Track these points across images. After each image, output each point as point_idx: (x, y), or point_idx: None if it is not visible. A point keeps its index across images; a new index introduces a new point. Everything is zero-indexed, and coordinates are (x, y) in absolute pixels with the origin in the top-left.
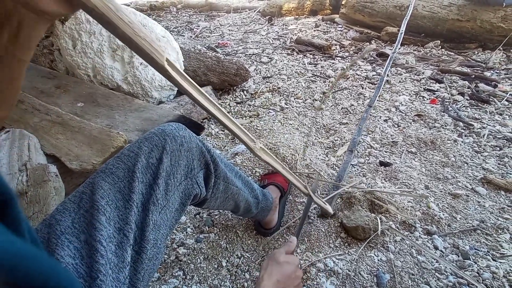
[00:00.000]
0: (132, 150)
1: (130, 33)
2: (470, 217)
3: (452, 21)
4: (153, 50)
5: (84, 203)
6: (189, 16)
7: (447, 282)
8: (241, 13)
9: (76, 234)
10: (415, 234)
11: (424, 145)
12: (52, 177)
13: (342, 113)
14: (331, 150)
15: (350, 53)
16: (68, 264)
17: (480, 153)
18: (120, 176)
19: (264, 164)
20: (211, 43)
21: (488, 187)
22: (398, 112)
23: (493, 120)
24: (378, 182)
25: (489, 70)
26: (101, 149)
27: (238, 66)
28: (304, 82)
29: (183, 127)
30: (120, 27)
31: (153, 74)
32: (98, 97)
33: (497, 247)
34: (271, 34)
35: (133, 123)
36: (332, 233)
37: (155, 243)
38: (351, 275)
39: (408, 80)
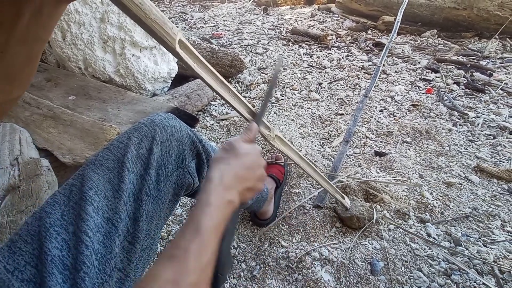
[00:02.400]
0: (122, 141)
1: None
2: (463, 205)
3: (448, 10)
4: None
5: (73, 195)
6: (182, 7)
7: (439, 268)
8: (236, 3)
9: (65, 226)
10: (408, 222)
11: (419, 135)
12: (44, 171)
13: (337, 103)
14: (327, 141)
15: (346, 43)
16: (55, 257)
17: (474, 142)
18: (110, 167)
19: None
20: (205, 34)
21: (481, 175)
22: (394, 102)
23: (488, 109)
24: (373, 172)
25: (485, 59)
26: (94, 142)
27: (233, 57)
28: (300, 73)
29: (173, 116)
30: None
31: (146, 66)
32: (90, 90)
33: (488, 233)
34: (267, 24)
35: (126, 116)
36: (327, 223)
37: (148, 233)
38: (346, 263)
39: (404, 70)
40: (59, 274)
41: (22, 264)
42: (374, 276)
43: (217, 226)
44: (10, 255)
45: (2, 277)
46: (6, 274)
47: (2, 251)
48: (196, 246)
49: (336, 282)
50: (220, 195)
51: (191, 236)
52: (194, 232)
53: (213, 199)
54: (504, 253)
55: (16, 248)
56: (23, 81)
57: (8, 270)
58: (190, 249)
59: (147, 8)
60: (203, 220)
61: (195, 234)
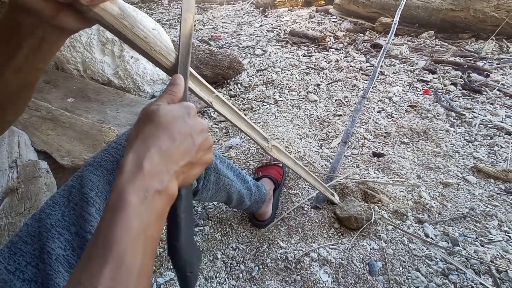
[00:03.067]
0: (120, 143)
1: (146, 49)
2: (460, 205)
3: (445, 11)
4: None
5: (73, 196)
6: (181, 9)
7: (436, 268)
8: (234, 5)
9: (66, 226)
10: (406, 222)
11: (416, 136)
12: (43, 173)
13: (336, 105)
14: (325, 142)
15: (344, 44)
16: (59, 256)
17: (471, 142)
18: (109, 169)
19: (258, 157)
20: (204, 35)
21: (478, 175)
22: (392, 103)
23: (485, 110)
24: (371, 172)
25: (481, 60)
26: (93, 144)
27: (231, 59)
28: (298, 74)
29: None
30: (137, 43)
31: (145, 68)
32: (89, 92)
33: (485, 233)
34: (265, 26)
35: (125, 118)
36: (325, 224)
37: None
38: (344, 263)
39: (402, 71)
40: (65, 272)
41: (23, 264)
42: (372, 277)
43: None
44: (10, 256)
45: (4, 277)
46: (8, 275)
47: (3, 253)
48: (109, 273)
49: (335, 283)
50: (140, 187)
51: (100, 261)
52: (103, 252)
53: (129, 196)
54: (501, 253)
55: (16, 249)
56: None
57: (9, 270)
58: (99, 281)
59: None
60: (115, 231)
61: (105, 256)
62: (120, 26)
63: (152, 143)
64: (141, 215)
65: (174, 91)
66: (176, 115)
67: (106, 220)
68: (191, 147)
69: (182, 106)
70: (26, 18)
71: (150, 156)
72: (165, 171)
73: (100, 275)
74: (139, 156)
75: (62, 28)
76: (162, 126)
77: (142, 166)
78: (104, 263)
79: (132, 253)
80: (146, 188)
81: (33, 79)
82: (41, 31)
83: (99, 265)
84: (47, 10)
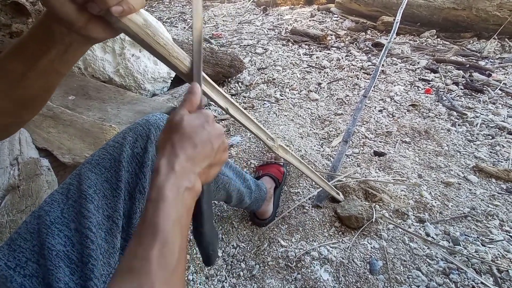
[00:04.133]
0: (117, 141)
1: (165, 54)
2: (462, 205)
3: (448, 10)
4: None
5: (72, 193)
6: (182, 7)
7: (437, 267)
8: (235, 3)
9: (66, 223)
10: (407, 222)
11: (418, 135)
12: (44, 170)
13: (337, 104)
14: (326, 141)
15: (345, 43)
16: (60, 252)
17: (473, 142)
18: (107, 167)
19: (259, 156)
20: (205, 34)
21: (479, 175)
22: (393, 102)
23: (486, 109)
24: (372, 171)
25: (483, 59)
26: (94, 142)
27: (232, 58)
28: (300, 73)
29: (167, 116)
30: (158, 50)
31: (146, 66)
32: (90, 90)
33: (486, 233)
34: (266, 24)
35: (126, 116)
36: (326, 222)
37: None
38: (345, 262)
39: (403, 70)
40: (66, 267)
41: (24, 260)
42: (373, 275)
43: (179, 220)
44: (10, 252)
45: (4, 273)
46: (8, 271)
47: (2, 249)
48: (157, 252)
49: (335, 282)
50: (174, 186)
51: (149, 242)
52: (151, 236)
53: (167, 192)
54: (502, 253)
55: (16, 246)
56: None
57: (9, 267)
58: (150, 257)
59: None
60: (159, 220)
61: (153, 238)
62: (144, 35)
63: (179, 150)
64: (177, 207)
65: (192, 99)
66: (197, 124)
67: (149, 211)
68: (211, 151)
69: (201, 115)
70: (59, 26)
71: (180, 161)
72: (192, 172)
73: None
74: (170, 161)
75: (90, 37)
76: (186, 135)
77: (174, 169)
78: (153, 243)
79: (173, 236)
80: (178, 186)
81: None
82: (69, 39)
83: (149, 245)
84: (79, 21)
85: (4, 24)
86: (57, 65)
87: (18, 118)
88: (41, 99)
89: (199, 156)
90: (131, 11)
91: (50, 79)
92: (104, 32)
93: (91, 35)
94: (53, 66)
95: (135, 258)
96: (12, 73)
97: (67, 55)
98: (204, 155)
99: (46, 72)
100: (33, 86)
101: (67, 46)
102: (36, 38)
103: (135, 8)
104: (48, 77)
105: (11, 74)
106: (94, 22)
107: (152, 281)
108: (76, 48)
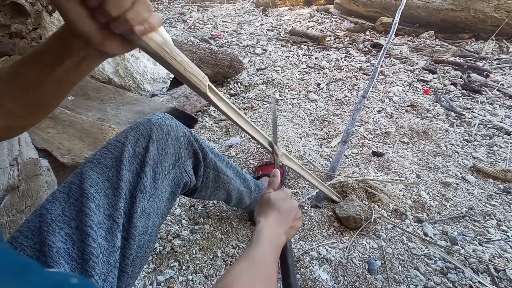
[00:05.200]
0: (119, 140)
1: (181, 70)
2: (459, 205)
3: (446, 11)
4: (198, 81)
5: (73, 192)
6: (181, 7)
7: (435, 266)
8: (234, 4)
9: (67, 221)
10: (406, 221)
11: (416, 135)
12: (44, 171)
13: (336, 104)
14: (325, 141)
15: (344, 44)
16: (60, 249)
17: (471, 142)
18: (108, 166)
19: (258, 156)
20: (204, 34)
21: (477, 175)
22: (392, 103)
23: (484, 110)
24: (371, 172)
25: (481, 60)
26: (93, 142)
27: (231, 58)
28: (299, 73)
29: (169, 116)
30: (174, 65)
31: (145, 66)
32: (89, 90)
33: (484, 232)
34: (265, 25)
35: (125, 116)
36: (325, 223)
37: (145, 230)
38: (344, 262)
39: (402, 70)
40: (66, 264)
41: None
42: (372, 275)
43: (275, 263)
44: None
45: None
46: None
47: None
48: (264, 285)
49: (334, 281)
50: (273, 242)
51: (258, 276)
52: (262, 272)
53: (269, 247)
54: (500, 252)
55: (17, 244)
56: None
57: None
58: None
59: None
60: (266, 264)
61: (262, 274)
62: (162, 52)
63: (272, 219)
64: (274, 256)
65: (275, 182)
66: (282, 198)
67: (258, 257)
68: (291, 217)
69: (283, 192)
70: (76, 41)
71: (274, 226)
72: (282, 233)
73: (258, 282)
74: (269, 225)
75: (105, 53)
76: (276, 207)
77: (272, 231)
78: (262, 278)
79: (273, 274)
80: (274, 244)
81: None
82: (84, 53)
83: (259, 279)
84: (97, 38)
85: (3, 24)
86: (71, 75)
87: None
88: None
89: (285, 222)
90: (152, 30)
91: (63, 88)
92: (120, 48)
93: (107, 51)
94: (67, 76)
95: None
96: (26, 80)
97: (81, 67)
98: (287, 220)
99: (59, 81)
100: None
101: (82, 59)
102: (52, 49)
103: (155, 27)
104: (61, 86)
105: (26, 81)
106: (111, 39)
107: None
108: (91, 61)
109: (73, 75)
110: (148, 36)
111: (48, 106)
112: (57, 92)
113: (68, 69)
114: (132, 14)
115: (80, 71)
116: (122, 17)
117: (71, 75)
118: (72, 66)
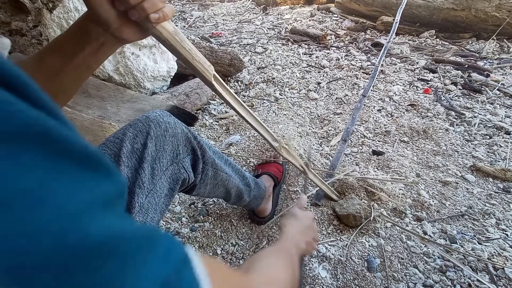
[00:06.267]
0: (117, 137)
1: (189, 58)
2: (459, 204)
3: (447, 10)
4: (204, 70)
5: None
6: (182, 5)
7: (434, 265)
8: (235, 2)
9: None
10: (405, 220)
11: (416, 134)
12: None
13: (336, 103)
14: (325, 140)
15: (345, 43)
16: None
17: (471, 141)
18: None
19: (258, 155)
20: (204, 33)
21: (477, 174)
22: (392, 102)
23: (484, 109)
24: (371, 170)
25: (482, 59)
26: (93, 140)
27: (232, 57)
28: (299, 72)
29: (167, 113)
30: (183, 54)
31: (145, 64)
32: (89, 88)
33: (483, 231)
34: (266, 24)
35: (126, 114)
36: (324, 221)
37: None
38: (343, 260)
39: (402, 70)
40: None
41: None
42: (371, 273)
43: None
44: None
45: None
46: (113, 160)
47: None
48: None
49: (333, 279)
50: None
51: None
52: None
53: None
54: (498, 251)
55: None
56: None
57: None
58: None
59: (194, 53)
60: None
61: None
62: (173, 40)
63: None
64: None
65: (302, 203)
66: (305, 217)
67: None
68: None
69: (307, 212)
70: (96, 27)
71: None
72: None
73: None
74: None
75: (121, 38)
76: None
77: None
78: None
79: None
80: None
81: (85, 76)
82: (103, 39)
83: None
84: (115, 24)
85: (3, 21)
86: (89, 61)
87: None
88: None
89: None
90: (165, 18)
91: (82, 73)
92: (135, 35)
93: (123, 36)
94: (86, 62)
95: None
96: (49, 68)
97: (99, 53)
98: (305, 235)
99: (79, 67)
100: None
101: (100, 45)
102: (73, 37)
103: (168, 16)
104: (81, 71)
105: (49, 69)
106: (128, 26)
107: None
108: (108, 47)
109: (92, 61)
110: (161, 25)
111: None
112: (77, 78)
113: (87, 55)
114: (148, 3)
115: (98, 57)
116: (139, 6)
117: (90, 61)
118: (91, 52)
